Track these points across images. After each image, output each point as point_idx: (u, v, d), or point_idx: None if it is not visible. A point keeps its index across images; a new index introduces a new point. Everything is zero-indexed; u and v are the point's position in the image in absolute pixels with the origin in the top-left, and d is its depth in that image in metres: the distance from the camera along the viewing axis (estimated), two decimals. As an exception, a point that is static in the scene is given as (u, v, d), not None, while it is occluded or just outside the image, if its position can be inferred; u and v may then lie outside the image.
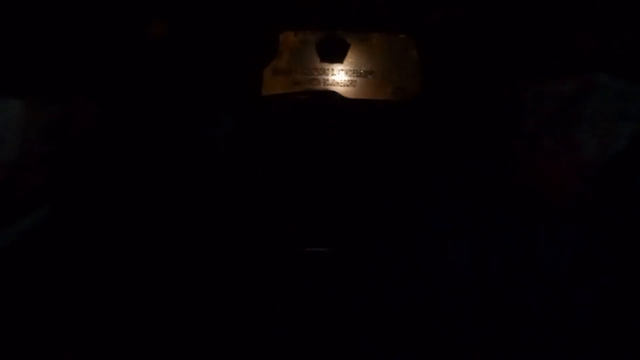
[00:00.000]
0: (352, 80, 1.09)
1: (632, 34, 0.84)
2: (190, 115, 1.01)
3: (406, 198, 1.01)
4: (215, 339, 0.89)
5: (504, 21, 0.97)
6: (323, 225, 0.98)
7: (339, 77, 1.06)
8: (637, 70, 0.83)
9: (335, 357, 0.91)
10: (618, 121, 0.83)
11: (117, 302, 0.84)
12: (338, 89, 1.10)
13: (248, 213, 0.98)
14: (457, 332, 0.90)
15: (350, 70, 1.06)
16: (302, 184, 0.99)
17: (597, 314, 0.90)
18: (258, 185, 0.99)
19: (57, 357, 0.74)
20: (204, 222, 0.98)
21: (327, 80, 1.06)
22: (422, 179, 1.01)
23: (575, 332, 0.89)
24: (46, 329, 0.76)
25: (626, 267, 0.93)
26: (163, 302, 0.88)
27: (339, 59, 1.10)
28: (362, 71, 1.07)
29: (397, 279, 0.95)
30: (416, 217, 0.99)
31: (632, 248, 0.93)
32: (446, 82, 1.01)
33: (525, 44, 0.93)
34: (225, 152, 1.01)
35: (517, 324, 0.90)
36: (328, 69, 1.07)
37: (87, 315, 0.79)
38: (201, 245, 0.97)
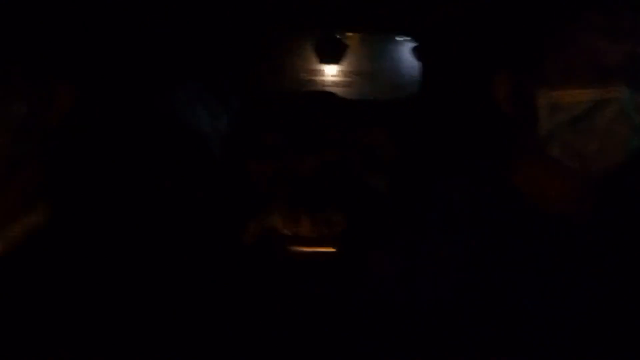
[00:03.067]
0: (350, 81, 1.09)
1: None
2: (189, 115, 1.01)
3: (406, 198, 1.01)
4: (215, 338, 0.88)
5: (504, 21, 0.97)
6: (323, 225, 0.98)
7: (337, 77, 1.06)
8: None
9: (335, 357, 0.91)
10: (630, 135, 0.82)
11: (116, 302, 0.84)
12: (336, 90, 1.11)
13: (248, 213, 0.98)
14: (457, 332, 0.90)
15: (348, 71, 1.06)
16: (302, 183, 0.99)
17: (597, 314, 0.90)
18: (258, 185, 0.99)
19: (57, 357, 0.73)
20: (203, 222, 0.98)
21: (326, 80, 1.06)
22: (422, 179, 1.01)
23: (575, 332, 0.89)
24: (46, 329, 0.75)
25: (626, 267, 0.93)
26: (162, 302, 0.88)
27: (337, 60, 1.10)
28: (360, 72, 1.08)
29: (397, 279, 0.95)
30: (416, 217, 0.99)
31: (632, 248, 0.94)
32: (446, 82, 1.01)
33: (526, 43, 0.93)
34: (225, 152, 1.01)
35: (517, 324, 0.90)
36: (327, 70, 1.08)
37: (87, 315, 0.79)
38: (200, 245, 0.97)
